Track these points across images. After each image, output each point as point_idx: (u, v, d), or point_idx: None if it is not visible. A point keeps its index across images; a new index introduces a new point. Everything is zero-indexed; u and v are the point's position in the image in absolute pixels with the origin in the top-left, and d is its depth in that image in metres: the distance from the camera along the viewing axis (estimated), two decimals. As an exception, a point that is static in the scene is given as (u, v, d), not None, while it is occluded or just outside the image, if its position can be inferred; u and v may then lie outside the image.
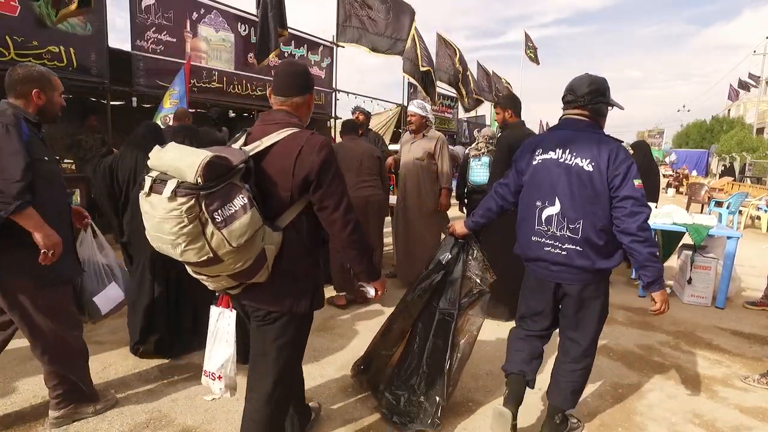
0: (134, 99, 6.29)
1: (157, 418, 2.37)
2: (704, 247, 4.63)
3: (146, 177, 1.47)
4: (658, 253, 2.34)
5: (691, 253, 4.57)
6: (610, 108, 2.14)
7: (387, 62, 9.59)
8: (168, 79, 6.33)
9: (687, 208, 8.93)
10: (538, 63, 18.85)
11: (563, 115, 2.19)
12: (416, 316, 2.50)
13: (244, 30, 7.63)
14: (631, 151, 5.92)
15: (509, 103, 3.92)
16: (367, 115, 5.54)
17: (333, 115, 9.94)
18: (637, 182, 1.96)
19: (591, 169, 1.99)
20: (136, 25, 6.02)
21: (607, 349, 3.42)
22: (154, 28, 6.23)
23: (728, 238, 4.50)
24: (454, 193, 4.83)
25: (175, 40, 6.51)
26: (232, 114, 8.41)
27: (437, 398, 2.34)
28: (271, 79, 1.84)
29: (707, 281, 4.49)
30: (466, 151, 5.15)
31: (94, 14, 5.53)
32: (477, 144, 4.71)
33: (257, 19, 7.45)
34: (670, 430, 2.47)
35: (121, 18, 11.36)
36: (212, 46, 7.14)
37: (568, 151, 2.06)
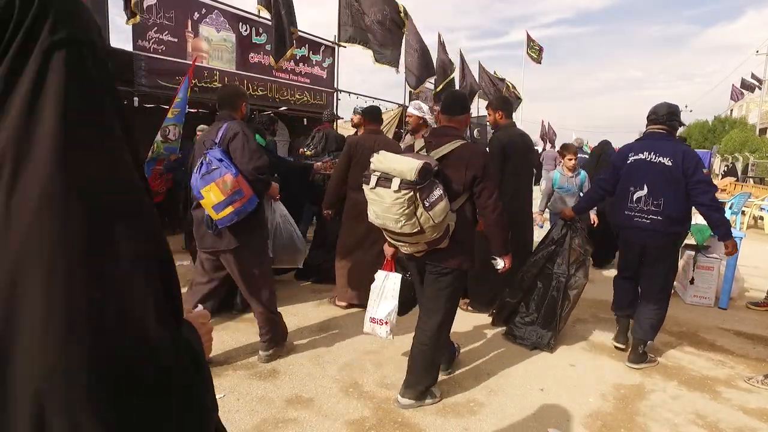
0: (136, 99, 6.28)
1: (157, 418, 2.36)
2: (707, 248, 4.61)
3: (371, 175, 2.24)
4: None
5: (693, 253, 4.55)
6: (680, 126, 3.18)
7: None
8: (169, 79, 6.33)
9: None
10: (540, 62, 18.83)
11: (647, 130, 3.15)
12: (535, 275, 3.48)
13: (246, 30, 7.63)
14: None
15: (500, 104, 3.98)
16: (330, 120, 5.60)
17: (335, 115, 9.94)
18: (705, 170, 2.92)
19: (670, 164, 2.92)
20: (137, 25, 6.01)
21: (609, 350, 3.40)
22: (155, 28, 6.23)
23: (731, 238, 4.48)
24: None
25: (176, 40, 6.51)
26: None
27: (551, 331, 3.34)
28: (272, 79, 2.21)
29: (710, 281, 4.46)
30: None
31: (95, 14, 5.53)
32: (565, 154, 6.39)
33: (259, 20, 7.46)
34: (673, 431, 2.46)
35: (121, 18, 11.37)
36: (213, 46, 7.14)
37: (653, 153, 2.99)
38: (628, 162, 3.10)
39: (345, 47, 9.46)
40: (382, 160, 2.22)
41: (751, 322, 4.08)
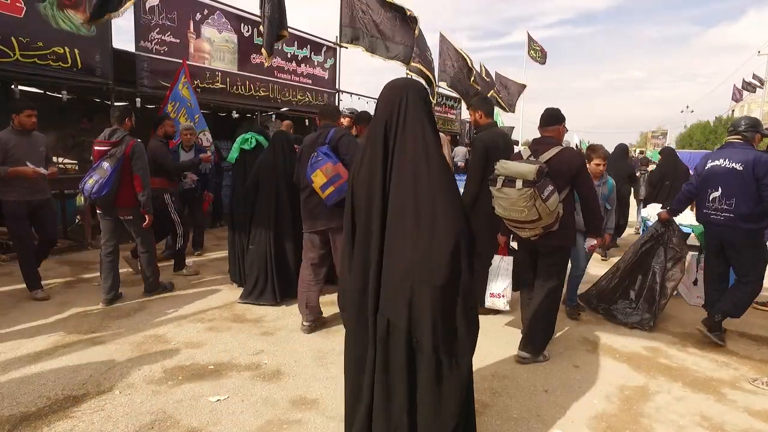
0: (138, 99, 6.29)
1: (162, 419, 2.37)
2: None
3: (497, 178, 2.91)
4: None
5: (697, 254, 4.53)
6: (764, 135, 3.61)
7: (389, 63, 9.57)
8: (171, 79, 6.33)
9: (692, 209, 8.87)
10: (543, 63, 18.80)
11: (726, 139, 3.65)
12: (634, 267, 4.15)
13: (247, 31, 7.63)
14: (659, 156, 8.17)
15: (480, 104, 3.96)
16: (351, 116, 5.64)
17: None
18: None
19: (741, 168, 3.36)
20: (140, 26, 6.02)
21: (613, 351, 3.40)
22: (157, 29, 6.24)
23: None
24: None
25: (178, 41, 6.52)
26: (235, 115, 8.42)
27: (651, 315, 3.88)
28: (274, 79, 2.38)
29: (713, 283, 4.45)
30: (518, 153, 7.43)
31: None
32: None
33: (260, 20, 7.45)
34: (679, 432, 2.45)
35: (123, 19, 11.37)
36: (215, 47, 7.15)
37: (726, 159, 3.47)
38: (707, 167, 3.59)
39: (346, 48, 9.47)
40: (504, 167, 2.86)
41: (755, 324, 4.07)
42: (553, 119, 3.19)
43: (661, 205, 5.44)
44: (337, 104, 9.85)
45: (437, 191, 1.62)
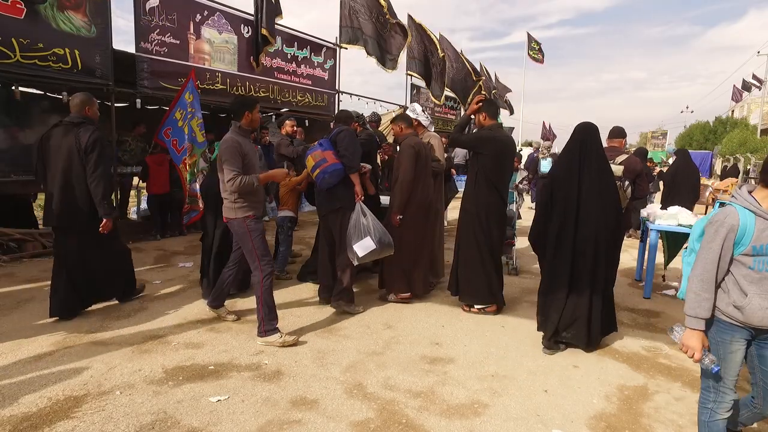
0: (138, 101, 6.30)
1: (162, 420, 2.37)
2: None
3: None
4: None
5: (696, 254, 4.54)
6: None
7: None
8: (172, 80, 6.34)
9: (692, 209, 8.90)
10: (542, 62, 18.83)
11: None
12: None
13: (247, 32, 7.64)
14: (674, 158, 8.57)
15: (484, 106, 4.01)
16: (377, 121, 5.72)
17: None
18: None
19: None
20: (140, 27, 6.03)
21: (613, 351, 3.40)
22: (158, 30, 6.24)
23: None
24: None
25: (178, 42, 6.53)
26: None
27: None
28: (274, 80, 2.45)
29: (713, 283, 4.46)
30: (535, 154, 10.33)
31: (98, 16, 5.56)
32: (542, 150, 10.21)
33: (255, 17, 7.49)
34: (678, 432, 2.45)
35: (123, 19, 11.40)
36: (215, 48, 7.15)
37: None
38: None
39: (346, 48, 9.48)
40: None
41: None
42: (618, 134, 4.40)
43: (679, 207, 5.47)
44: (337, 105, 9.87)
45: (607, 188, 3.29)
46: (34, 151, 3.65)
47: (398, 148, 4.42)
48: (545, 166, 9.57)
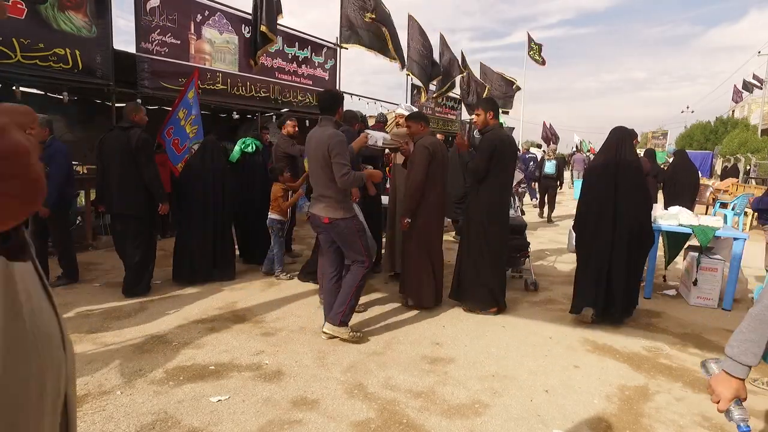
0: (139, 101, 6.31)
1: (163, 420, 2.37)
2: (710, 249, 4.60)
3: None
4: None
5: (697, 254, 4.54)
6: None
7: (389, 64, 9.61)
8: (172, 81, 6.34)
9: (692, 209, 8.91)
10: (543, 63, 18.82)
11: None
12: None
13: (248, 32, 7.65)
14: (672, 158, 8.87)
15: (490, 105, 4.04)
16: (383, 122, 5.81)
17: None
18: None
19: None
20: (140, 27, 6.04)
21: (614, 351, 3.40)
22: (158, 30, 6.25)
23: (735, 239, 4.47)
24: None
25: (179, 42, 6.53)
26: (236, 116, 8.43)
27: None
28: (274, 80, 2.39)
29: (714, 283, 4.46)
30: (541, 156, 10.44)
31: (99, 17, 5.56)
32: (547, 152, 10.19)
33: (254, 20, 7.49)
34: (679, 432, 2.45)
35: (123, 20, 11.41)
36: (216, 48, 7.16)
37: None
38: None
39: (346, 48, 9.48)
40: None
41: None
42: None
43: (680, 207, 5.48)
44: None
45: (640, 183, 3.80)
46: (95, 152, 4.24)
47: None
48: (550, 167, 9.67)
